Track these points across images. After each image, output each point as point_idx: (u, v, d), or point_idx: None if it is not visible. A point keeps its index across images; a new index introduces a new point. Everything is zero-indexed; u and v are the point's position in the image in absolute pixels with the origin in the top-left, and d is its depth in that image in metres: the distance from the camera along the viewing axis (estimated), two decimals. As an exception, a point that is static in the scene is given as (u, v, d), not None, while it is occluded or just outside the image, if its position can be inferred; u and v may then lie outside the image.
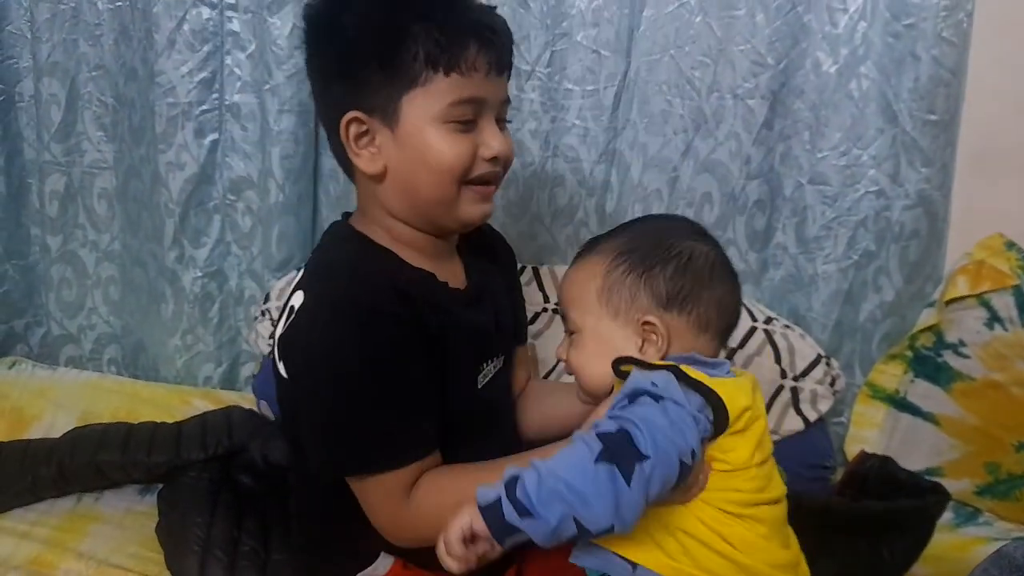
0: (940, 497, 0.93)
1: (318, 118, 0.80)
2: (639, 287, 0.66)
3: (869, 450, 1.06)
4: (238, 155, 1.26)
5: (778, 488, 0.65)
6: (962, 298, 1.07)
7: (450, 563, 0.56)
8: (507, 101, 0.77)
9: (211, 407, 1.13)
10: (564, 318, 0.71)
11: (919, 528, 0.94)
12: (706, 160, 1.16)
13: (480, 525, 0.54)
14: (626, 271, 0.66)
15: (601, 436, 0.56)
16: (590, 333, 0.68)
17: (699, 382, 0.60)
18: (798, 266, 1.16)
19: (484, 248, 0.86)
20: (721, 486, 0.61)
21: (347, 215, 0.82)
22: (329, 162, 1.29)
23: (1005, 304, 1.06)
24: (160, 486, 1.01)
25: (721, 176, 1.16)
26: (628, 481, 0.53)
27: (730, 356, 1.07)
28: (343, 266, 0.75)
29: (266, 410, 1.13)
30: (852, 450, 1.11)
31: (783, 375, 1.06)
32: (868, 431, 1.13)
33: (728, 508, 0.61)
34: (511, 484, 0.55)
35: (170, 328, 1.33)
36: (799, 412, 1.05)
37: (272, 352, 0.77)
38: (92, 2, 1.27)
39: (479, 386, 0.79)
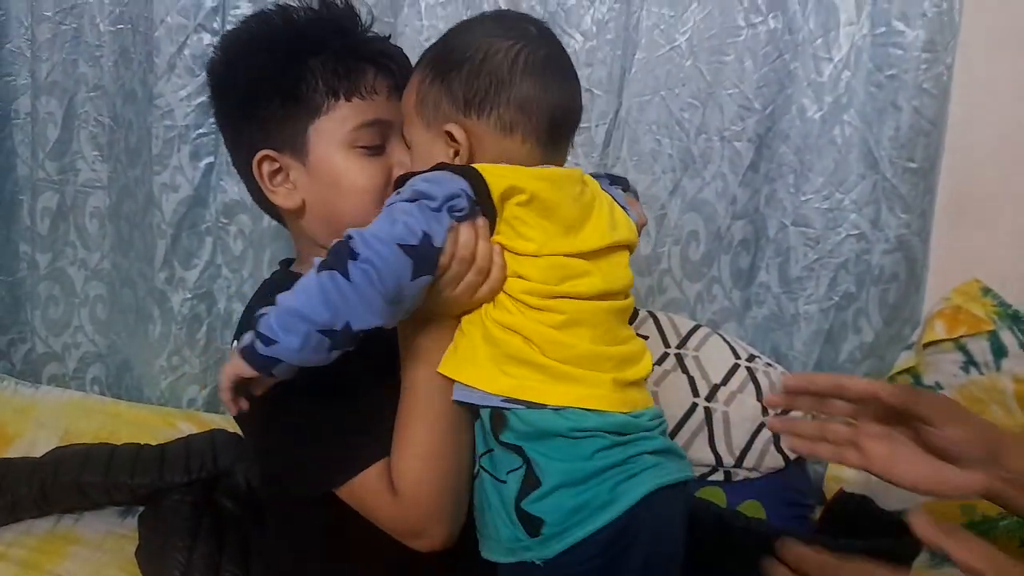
0: (911, 543, 0.95)
1: (235, 168, 0.81)
2: (441, 94, 0.64)
3: (848, 489, 1.07)
4: (232, 179, 1.27)
5: (604, 284, 0.64)
6: (939, 341, 1.10)
7: (229, 406, 0.62)
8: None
9: (195, 429, 1.12)
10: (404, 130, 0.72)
11: (899, 568, 0.96)
12: (693, 199, 1.19)
13: (240, 365, 0.59)
14: (431, 80, 0.65)
15: (328, 250, 0.59)
16: (414, 147, 0.68)
17: (468, 168, 0.61)
18: (780, 305, 1.18)
19: None
20: (510, 272, 0.62)
21: (284, 262, 0.84)
22: (322, 188, 1.31)
23: (981, 349, 1.09)
24: (141, 509, 1.00)
25: (708, 215, 1.19)
26: (348, 278, 0.56)
27: (712, 392, 1.09)
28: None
29: (251, 434, 1.13)
30: (831, 488, 1.12)
31: (765, 413, 1.07)
32: (847, 470, 1.14)
33: (523, 299, 0.61)
34: (257, 320, 0.59)
35: (156, 349, 1.32)
36: (779, 450, 1.07)
37: None
38: (94, 24, 1.29)
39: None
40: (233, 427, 1.15)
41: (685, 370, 1.11)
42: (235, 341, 1.21)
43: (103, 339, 1.40)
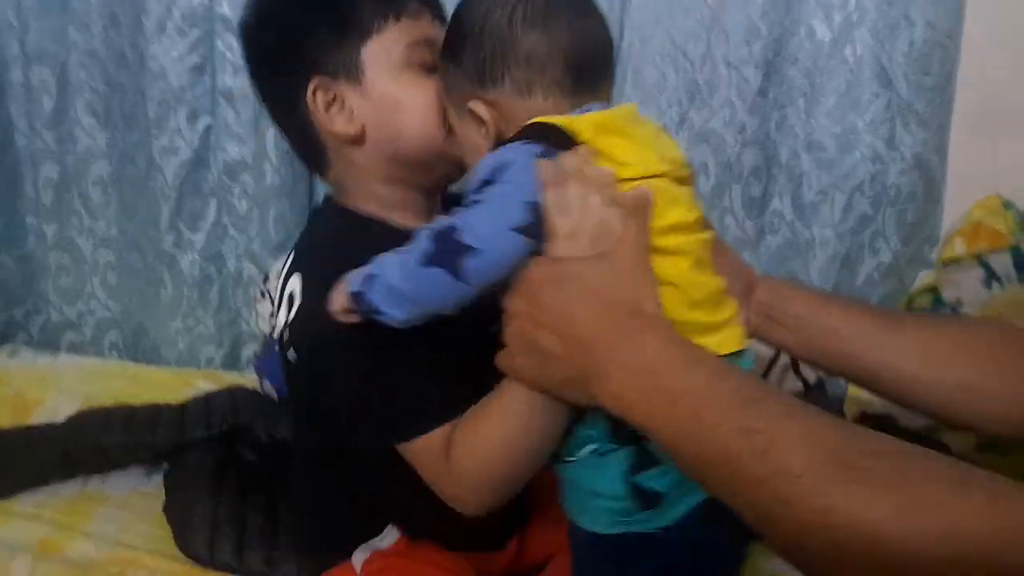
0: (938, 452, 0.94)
1: (273, 117, 0.77)
2: (456, 75, 0.62)
3: (868, 410, 1.06)
4: (232, 139, 1.26)
5: (696, 210, 0.60)
6: (960, 258, 1.08)
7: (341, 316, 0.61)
8: None
9: (214, 388, 1.13)
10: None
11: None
12: (701, 130, 1.16)
13: (344, 303, 0.60)
14: (446, 63, 0.63)
15: (432, 235, 0.56)
16: (457, 132, 0.66)
17: (541, 125, 0.57)
18: (795, 232, 1.16)
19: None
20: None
21: (327, 198, 0.80)
22: (324, 142, 1.29)
23: (1003, 263, 1.06)
24: (166, 466, 1.01)
25: (716, 145, 1.16)
26: (462, 273, 0.55)
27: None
28: (332, 244, 0.73)
29: (269, 389, 1.13)
30: (852, 411, 1.11)
31: (783, 340, 1.06)
32: (867, 393, 1.13)
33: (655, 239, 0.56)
34: (366, 281, 0.58)
35: (170, 311, 1.33)
36: (799, 375, 1.05)
37: (280, 336, 0.76)
38: (80, -13, 1.26)
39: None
40: (251, 383, 1.16)
41: (700, 302, 1.09)
42: (261, 295, 1.20)
43: (117, 305, 1.40)
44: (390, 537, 0.77)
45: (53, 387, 1.19)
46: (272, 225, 1.27)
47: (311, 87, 0.71)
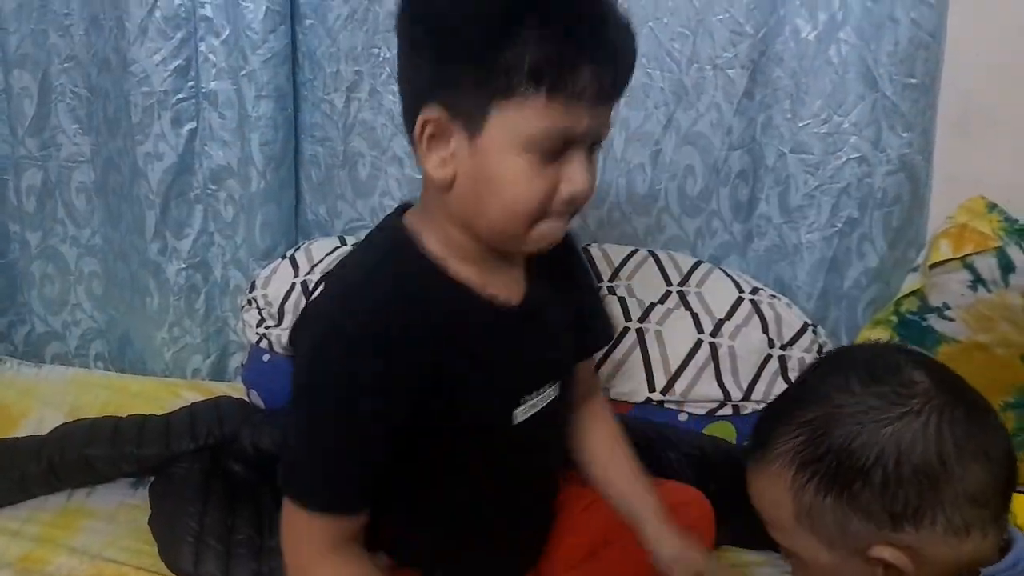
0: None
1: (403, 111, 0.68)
2: (845, 512, 0.50)
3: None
4: (217, 143, 1.25)
5: None
6: (945, 261, 1.07)
7: None
8: (608, 127, 0.66)
9: (200, 399, 1.12)
10: (769, 531, 0.57)
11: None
12: (688, 132, 1.16)
13: None
14: (820, 491, 0.50)
15: None
16: (809, 561, 0.53)
17: None
18: (782, 236, 1.16)
19: (556, 258, 0.73)
20: None
21: (404, 207, 0.73)
22: (309, 147, 1.28)
23: (988, 266, 1.06)
24: (151, 479, 1.00)
25: (703, 148, 1.16)
26: None
27: (717, 327, 1.07)
28: (368, 261, 0.70)
29: (256, 399, 1.13)
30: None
31: (771, 344, 1.06)
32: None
33: None
34: None
35: (156, 321, 1.32)
36: (787, 381, 1.06)
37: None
38: (60, -9, 1.25)
39: (516, 421, 0.72)
40: (239, 393, 1.15)
41: (688, 307, 1.09)
42: (248, 304, 1.18)
43: (102, 315, 1.39)
44: (379, 563, 0.75)
45: (38, 399, 1.18)
46: (258, 232, 1.26)
47: (425, 114, 0.63)
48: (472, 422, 0.70)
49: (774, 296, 1.12)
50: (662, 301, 1.10)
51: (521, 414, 0.72)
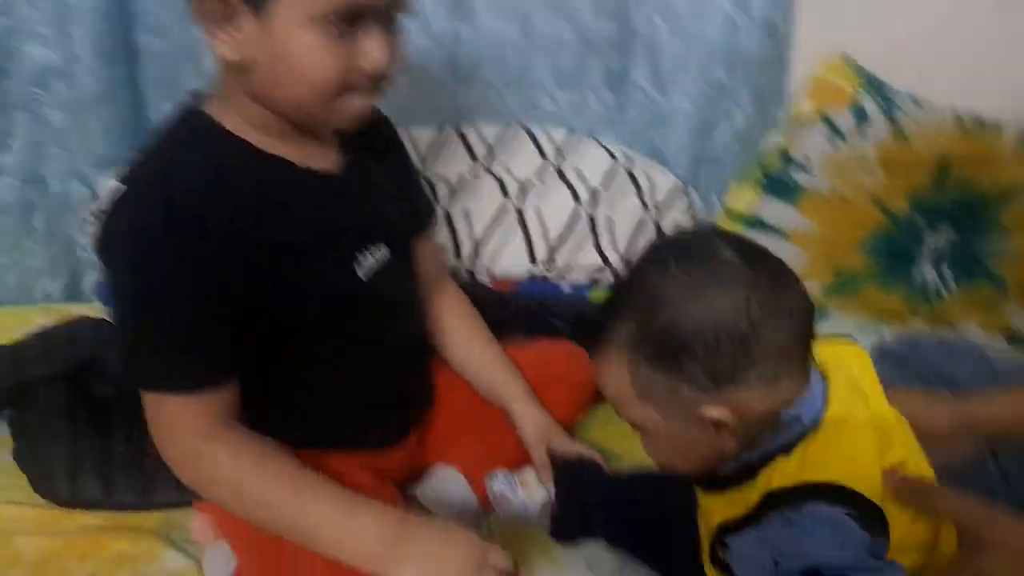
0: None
1: None
2: (675, 383, 0.55)
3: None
4: (35, 40, 1.09)
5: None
6: (805, 117, 1.12)
7: None
8: (406, 1, 0.66)
9: (54, 323, 1.03)
10: (616, 411, 0.61)
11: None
12: (557, 2, 1.12)
13: None
14: (651, 368, 0.55)
15: None
16: (653, 430, 0.59)
17: (855, 498, 0.53)
18: (654, 103, 1.16)
19: (367, 135, 0.75)
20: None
21: (198, 95, 0.71)
22: (147, 40, 1.15)
23: (846, 119, 1.12)
24: (7, 412, 0.92)
25: (572, 17, 1.13)
26: None
27: (594, 197, 1.07)
28: (171, 152, 0.67)
29: (119, 316, 1.05)
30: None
31: (645, 208, 1.08)
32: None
33: None
34: None
35: (-8, 245, 1.19)
36: (666, 243, 1.08)
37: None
38: None
39: (363, 277, 0.73)
40: (98, 315, 1.07)
41: (565, 179, 1.09)
42: (94, 217, 1.09)
43: (-75, 245, 1.23)
44: None
45: None
46: (97, 137, 1.14)
47: None
48: (318, 285, 0.70)
49: (647, 162, 1.13)
50: (538, 175, 1.09)
51: (364, 271, 0.73)
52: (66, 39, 1.09)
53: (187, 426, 0.64)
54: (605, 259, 1.06)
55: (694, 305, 0.53)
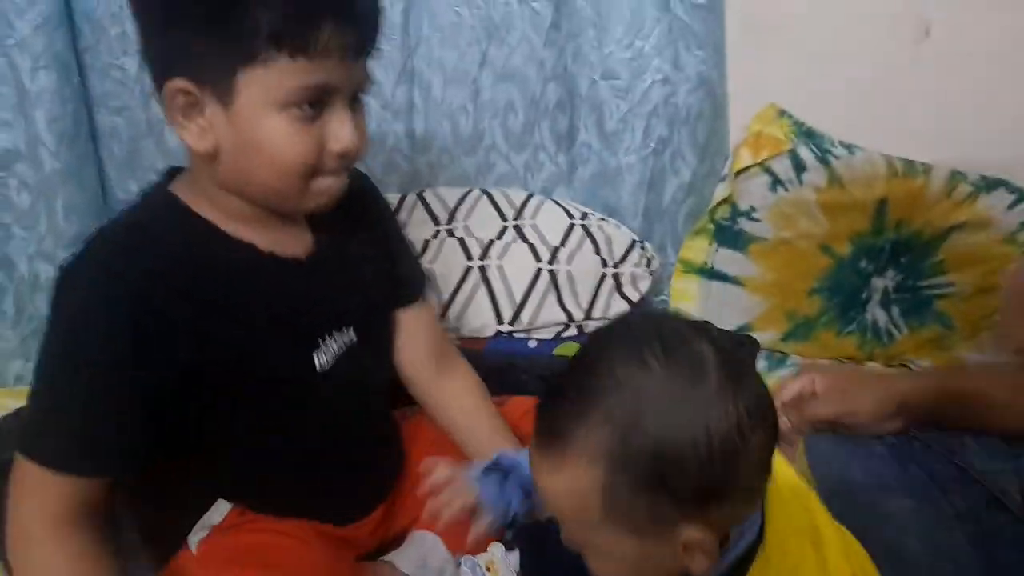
0: (751, 346, 1.05)
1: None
2: (658, 501, 0.48)
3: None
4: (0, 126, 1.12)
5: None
6: (747, 168, 1.17)
7: None
8: (367, 80, 0.68)
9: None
10: (561, 524, 0.54)
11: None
12: (503, 68, 1.18)
13: None
14: (633, 487, 0.48)
15: None
16: (612, 552, 0.52)
17: None
18: (603, 161, 1.21)
19: (347, 209, 0.74)
20: None
21: (173, 172, 0.72)
22: (107, 120, 1.18)
23: (784, 168, 1.17)
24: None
25: (520, 82, 1.18)
26: None
27: (553, 255, 1.11)
28: (132, 229, 0.67)
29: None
30: (674, 322, 1.20)
31: (604, 264, 1.12)
32: (686, 303, 1.23)
33: None
34: None
35: (-39, 329, 1.19)
36: (623, 295, 1.12)
37: None
38: None
39: (324, 366, 0.73)
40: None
41: (525, 239, 1.13)
42: None
43: None
44: (220, 511, 0.74)
45: None
46: (62, 217, 1.16)
47: (173, 86, 0.62)
48: (272, 373, 0.70)
49: (603, 219, 1.17)
50: (499, 236, 1.13)
51: (321, 360, 0.73)
52: (27, 123, 1.12)
53: (41, 502, 0.62)
54: (569, 315, 1.10)
55: (688, 413, 0.46)
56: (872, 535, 0.71)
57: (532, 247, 1.12)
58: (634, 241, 1.16)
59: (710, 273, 1.22)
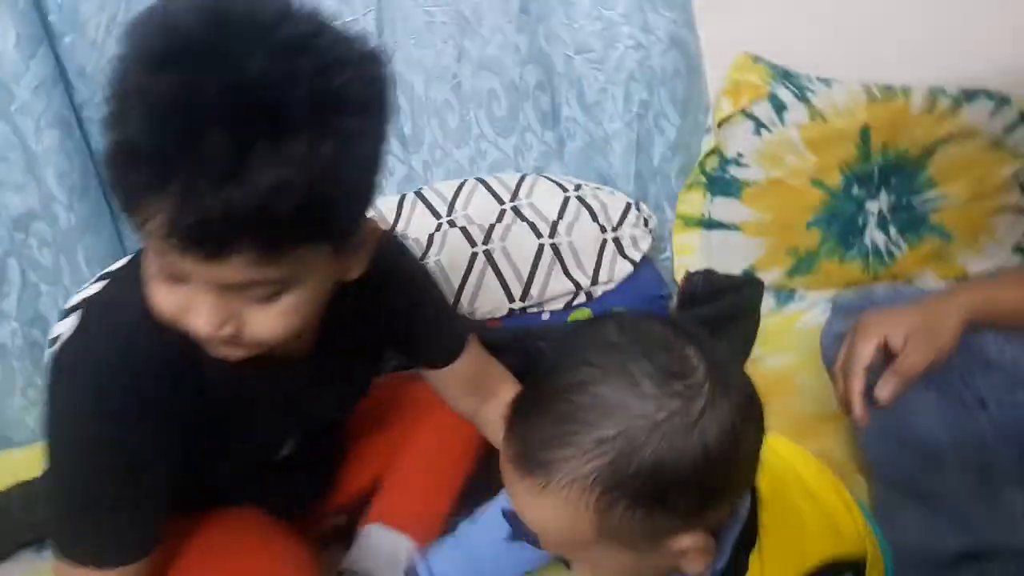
0: (755, 285, 1.08)
1: None
2: (656, 517, 0.46)
3: (692, 269, 1.19)
4: (9, 190, 1.17)
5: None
6: (729, 117, 1.20)
7: None
8: (240, 279, 0.52)
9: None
10: (543, 540, 0.51)
11: (747, 317, 1.09)
12: (480, 59, 1.21)
13: None
14: (630, 509, 0.46)
15: None
16: (599, 564, 0.50)
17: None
18: (589, 132, 1.25)
19: (370, 293, 0.67)
20: None
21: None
22: (112, 169, 1.23)
23: (765, 111, 1.20)
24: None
25: (499, 70, 1.22)
26: None
27: (553, 229, 1.15)
28: (120, 308, 0.62)
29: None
30: (680, 274, 1.24)
31: (603, 230, 1.16)
32: (689, 257, 1.26)
33: None
34: None
35: (5, 390, 1.24)
36: (626, 256, 1.16)
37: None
38: None
39: (281, 455, 0.75)
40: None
41: (524, 218, 1.16)
42: None
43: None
44: None
45: None
46: (84, 265, 1.21)
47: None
48: (237, 457, 0.71)
49: (596, 188, 1.21)
50: (499, 220, 1.17)
51: (286, 450, 0.76)
52: (39, 183, 1.17)
53: None
54: (576, 283, 1.14)
55: (686, 433, 0.44)
56: (898, 428, 0.74)
57: (532, 225, 1.16)
58: (629, 204, 1.19)
59: (708, 224, 1.26)
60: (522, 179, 1.22)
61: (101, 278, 0.72)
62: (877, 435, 0.77)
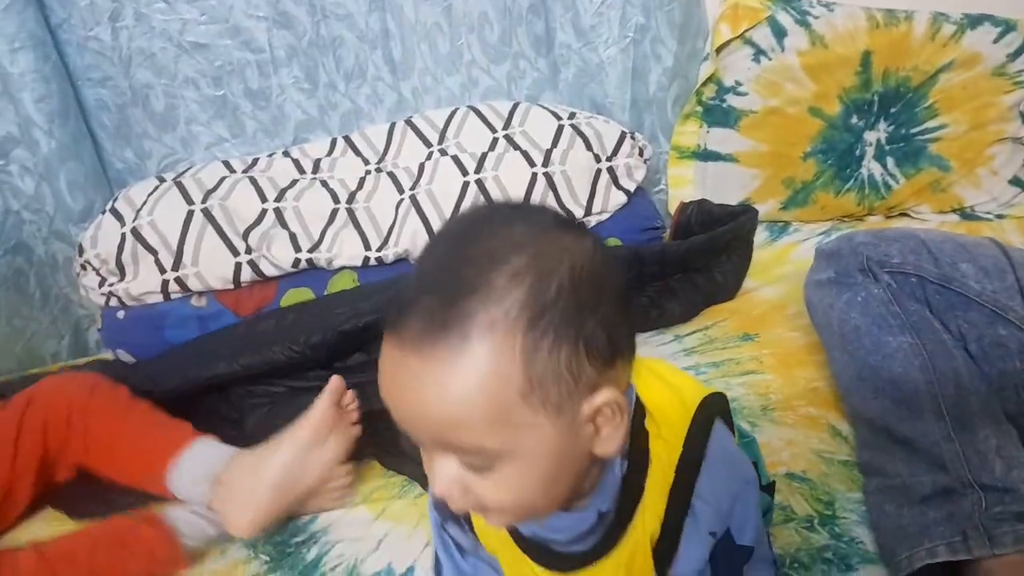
0: (750, 214, 1.07)
1: None
2: (579, 357, 0.42)
3: (686, 199, 1.17)
4: (-11, 114, 1.14)
5: None
6: (728, 42, 1.17)
7: None
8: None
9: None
10: (440, 448, 0.44)
11: (741, 247, 1.08)
12: (469, -20, 1.17)
13: None
14: (555, 345, 0.41)
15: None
16: (521, 453, 0.43)
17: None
18: (584, 59, 1.21)
19: None
20: None
21: None
22: (92, 92, 1.19)
23: (764, 36, 1.17)
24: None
25: (491, -7, 1.18)
26: None
27: (547, 157, 1.13)
28: None
29: (125, 357, 1.10)
30: (674, 206, 1.22)
31: (597, 159, 1.13)
32: (684, 188, 1.25)
33: None
34: None
35: (-11, 318, 1.23)
36: (620, 187, 1.14)
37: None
38: None
39: None
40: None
41: (517, 147, 1.14)
42: (83, 268, 1.11)
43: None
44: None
45: None
46: (68, 194, 1.19)
47: None
48: None
49: (591, 116, 1.18)
50: (492, 148, 1.14)
51: None
52: (17, 106, 1.13)
53: None
54: (569, 213, 1.11)
55: (589, 257, 0.42)
56: (877, 374, 0.75)
57: (525, 153, 1.14)
58: (624, 133, 1.16)
59: (704, 155, 1.24)
60: (515, 107, 1.19)
61: None
62: (853, 380, 0.78)
